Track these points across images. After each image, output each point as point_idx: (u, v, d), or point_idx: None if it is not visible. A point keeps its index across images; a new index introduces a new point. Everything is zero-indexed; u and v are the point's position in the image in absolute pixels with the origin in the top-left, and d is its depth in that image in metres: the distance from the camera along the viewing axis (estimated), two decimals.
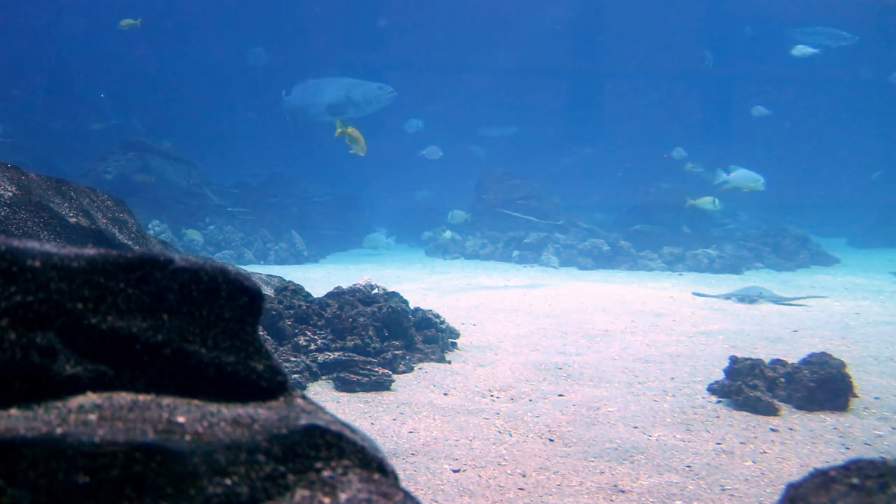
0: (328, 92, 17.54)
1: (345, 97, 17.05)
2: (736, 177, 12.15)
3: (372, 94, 16.94)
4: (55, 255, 1.26)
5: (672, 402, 5.28)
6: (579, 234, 15.39)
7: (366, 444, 1.35)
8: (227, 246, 14.56)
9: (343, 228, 17.34)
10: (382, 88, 16.95)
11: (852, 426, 4.81)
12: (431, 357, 6.30)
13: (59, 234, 4.56)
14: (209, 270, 1.36)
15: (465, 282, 11.69)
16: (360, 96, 16.97)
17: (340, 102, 17.04)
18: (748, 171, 12.24)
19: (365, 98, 16.94)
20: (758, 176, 12.22)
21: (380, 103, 17.07)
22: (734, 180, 12.13)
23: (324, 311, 6.15)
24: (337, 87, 17.43)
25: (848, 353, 6.72)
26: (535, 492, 3.69)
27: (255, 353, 1.39)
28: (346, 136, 10.48)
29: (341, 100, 17.08)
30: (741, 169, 12.22)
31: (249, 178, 18.54)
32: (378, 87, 17.00)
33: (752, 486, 3.82)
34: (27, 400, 1.19)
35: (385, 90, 16.90)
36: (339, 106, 16.97)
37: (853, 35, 18.03)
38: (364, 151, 10.73)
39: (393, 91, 16.88)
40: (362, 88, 17.10)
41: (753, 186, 12.17)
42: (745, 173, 12.18)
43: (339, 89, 17.33)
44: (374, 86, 17.09)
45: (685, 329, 7.90)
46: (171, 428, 1.19)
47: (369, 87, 17.07)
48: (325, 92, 17.64)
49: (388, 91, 16.88)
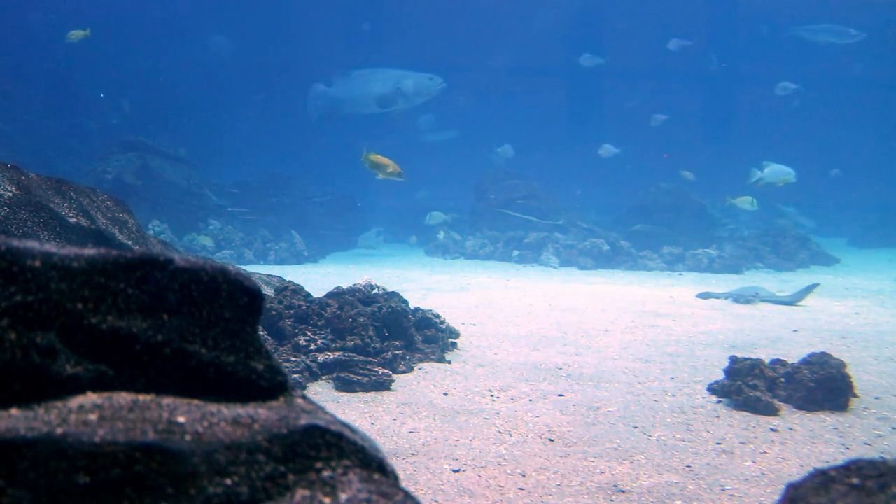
0: (377, 83, 16.98)
1: (394, 88, 16.58)
2: (770, 172, 12.11)
3: (422, 85, 16.49)
4: (55, 255, 1.26)
5: (672, 402, 5.28)
6: (579, 234, 15.39)
7: (366, 444, 1.35)
8: (227, 246, 14.56)
9: (343, 228, 17.34)
10: (433, 79, 16.46)
11: (852, 426, 4.81)
12: (431, 357, 6.30)
13: (59, 234, 4.56)
14: (209, 270, 1.36)
15: (465, 282, 11.69)
16: (411, 87, 16.50)
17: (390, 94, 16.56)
18: (779, 165, 12.21)
19: (415, 89, 16.48)
20: (788, 168, 12.20)
21: (430, 94, 16.60)
22: (768, 176, 12.09)
23: (324, 311, 6.15)
24: (386, 79, 16.89)
25: (848, 353, 6.72)
26: (535, 492, 3.69)
27: (255, 353, 1.39)
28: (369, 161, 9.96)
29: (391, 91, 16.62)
30: (773, 164, 12.19)
31: (249, 178, 18.52)
32: (428, 78, 16.51)
33: (752, 486, 3.82)
34: (27, 400, 1.19)
35: (435, 81, 16.44)
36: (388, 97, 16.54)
37: (860, 32, 17.99)
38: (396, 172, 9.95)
39: (442, 82, 16.42)
40: (412, 79, 16.60)
41: (787, 179, 12.13)
42: (778, 168, 12.15)
43: (388, 80, 16.77)
44: (424, 77, 16.59)
45: (685, 329, 7.90)
46: (171, 428, 1.19)
47: (419, 78, 16.58)
48: (373, 83, 17.06)
49: (438, 82, 16.44)
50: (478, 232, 16.25)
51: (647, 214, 16.03)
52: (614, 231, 15.75)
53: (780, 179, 12.09)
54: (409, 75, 16.74)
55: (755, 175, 12.20)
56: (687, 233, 15.23)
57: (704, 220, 16.06)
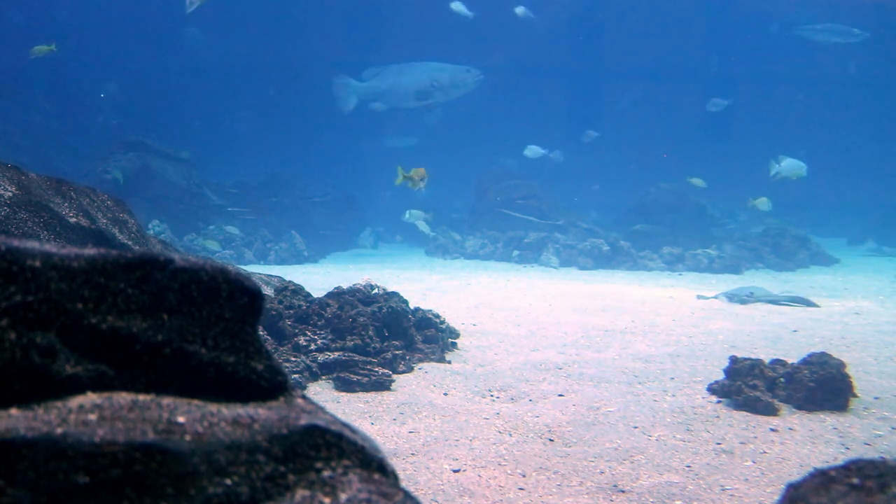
0: (413, 77, 16.73)
1: (432, 82, 16.37)
2: (785, 166, 12.16)
3: (459, 78, 16.29)
4: (55, 255, 1.26)
5: (672, 402, 5.28)
6: (579, 234, 15.39)
7: (366, 444, 1.35)
8: (227, 246, 14.57)
9: (343, 228, 17.34)
10: (470, 72, 16.24)
11: (852, 426, 4.81)
12: (431, 357, 6.30)
13: (59, 234, 4.56)
14: (209, 270, 1.36)
15: (465, 282, 11.69)
16: (448, 80, 16.20)
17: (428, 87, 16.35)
18: (792, 159, 12.26)
19: (452, 82, 16.26)
20: (801, 163, 12.25)
21: (467, 87, 16.41)
22: (784, 170, 12.13)
23: (324, 311, 6.15)
24: (422, 72, 16.63)
25: (847, 353, 6.72)
26: (535, 492, 3.69)
27: (255, 353, 1.39)
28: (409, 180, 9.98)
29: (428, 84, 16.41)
30: (788, 158, 12.23)
31: (249, 178, 18.52)
32: (465, 71, 16.30)
33: (752, 486, 3.82)
34: (27, 400, 1.19)
35: (472, 73, 16.27)
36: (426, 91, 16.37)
37: (863, 31, 17.98)
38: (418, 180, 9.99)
39: (480, 74, 16.30)
40: (449, 72, 16.38)
41: (799, 173, 12.19)
42: (792, 162, 12.21)
43: (424, 73, 16.52)
44: (461, 69, 16.38)
45: (685, 329, 7.90)
46: (171, 428, 1.19)
47: (456, 71, 16.36)
48: (409, 77, 16.82)
49: (476, 74, 16.30)
50: (478, 232, 16.25)
51: (647, 214, 16.04)
52: (614, 231, 15.76)
53: (794, 173, 12.13)
54: (446, 68, 16.54)
55: (773, 168, 12.21)
56: (687, 233, 15.24)
57: (704, 220, 16.07)
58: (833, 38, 18.28)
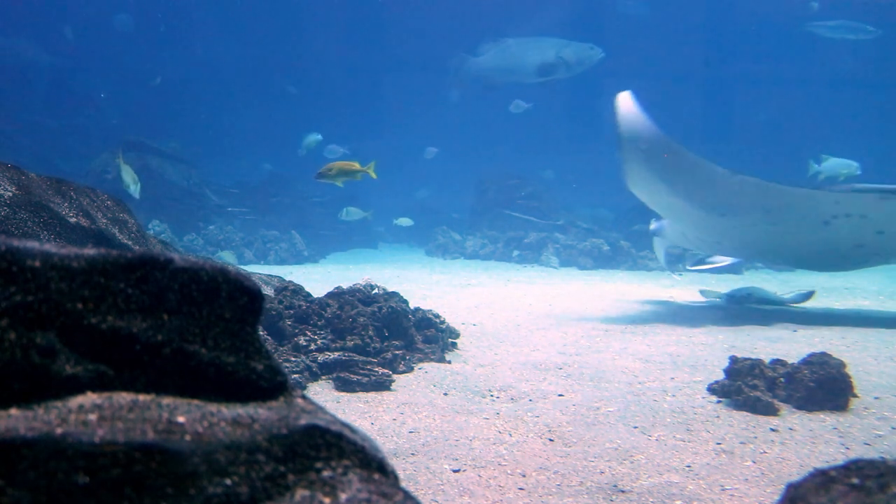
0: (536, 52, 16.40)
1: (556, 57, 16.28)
2: (827, 166, 12.10)
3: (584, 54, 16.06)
4: (55, 255, 1.26)
5: (672, 401, 5.28)
6: (579, 234, 15.39)
7: (366, 444, 1.34)
8: (228, 246, 14.57)
9: (343, 228, 17.35)
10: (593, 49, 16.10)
11: (852, 426, 4.81)
12: (431, 357, 6.30)
13: (59, 234, 4.56)
14: (209, 270, 1.36)
15: (465, 281, 11.69)
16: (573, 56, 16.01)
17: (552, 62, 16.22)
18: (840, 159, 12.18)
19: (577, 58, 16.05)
20: (850, 162, 12.17)
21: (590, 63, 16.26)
22: (826, 170, 12.08)
23: (324, 311, 6.15)
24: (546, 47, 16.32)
25: (848, 353, 6.72)
26: (535, 492, 3.69)
27: (255, 353, 1.39)
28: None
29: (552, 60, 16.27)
30: (832, 158, 12.17)
31: (249, 178, 18.53)
32: (589, 48, 16.10)
33: (752, 486, 3.82)
34: (27, 400, 1.19)
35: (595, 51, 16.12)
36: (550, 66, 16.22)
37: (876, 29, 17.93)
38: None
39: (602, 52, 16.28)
40: (573, 48, 16.12)
41: (848, 172, 12.08)
42: (838, 161, 12.12)
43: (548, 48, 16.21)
44: (585, 46, 16.16)
45: (685, 329, 7.90)
46: (171, 428, 1.19)
47: (581, 47, 16.12)
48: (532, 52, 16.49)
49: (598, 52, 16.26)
50: (478, 232, 16.26)
51: (647, 214, 16.00)
52: (614, 231, 15.76)
53: (841, 172, 12.04)
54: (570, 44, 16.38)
55: (812, 168, 12.16)
56: None
57: None
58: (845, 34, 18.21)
